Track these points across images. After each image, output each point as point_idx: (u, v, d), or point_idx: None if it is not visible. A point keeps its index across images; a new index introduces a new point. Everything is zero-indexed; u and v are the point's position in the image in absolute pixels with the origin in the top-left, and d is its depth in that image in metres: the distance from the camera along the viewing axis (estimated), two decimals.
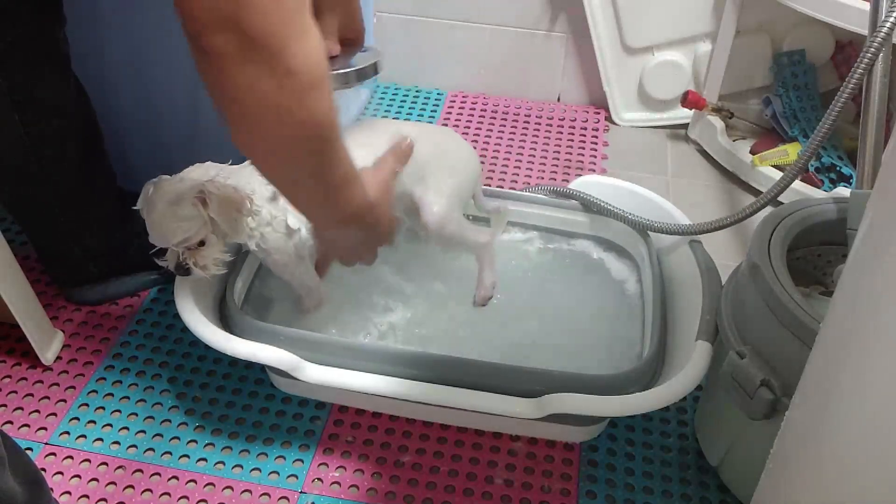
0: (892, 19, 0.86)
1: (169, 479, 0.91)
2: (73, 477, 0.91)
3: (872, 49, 0.86)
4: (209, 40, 0.60)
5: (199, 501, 0.89)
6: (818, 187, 1.32)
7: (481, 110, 1.62)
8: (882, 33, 0.86)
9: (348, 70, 0.90)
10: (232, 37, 0.59)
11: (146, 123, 1.19)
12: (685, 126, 1.57)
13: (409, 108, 1.62)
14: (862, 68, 0.87)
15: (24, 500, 0.66)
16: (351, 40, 0.92)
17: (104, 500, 0.89)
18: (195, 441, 0.96)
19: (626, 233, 1.13)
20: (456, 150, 1.03)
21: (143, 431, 0.97)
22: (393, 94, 1.66)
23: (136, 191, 0.88)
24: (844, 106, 0.89)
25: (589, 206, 1.14)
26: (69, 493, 0.89)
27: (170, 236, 0.85)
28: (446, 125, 1.57)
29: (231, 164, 0.92)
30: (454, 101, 1.64)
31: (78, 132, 1.00)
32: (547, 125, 1.59)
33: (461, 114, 1.61)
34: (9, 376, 1.03)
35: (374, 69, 0.92)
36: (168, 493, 0.90)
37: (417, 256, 1.11)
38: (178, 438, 0.96)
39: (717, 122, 1.46)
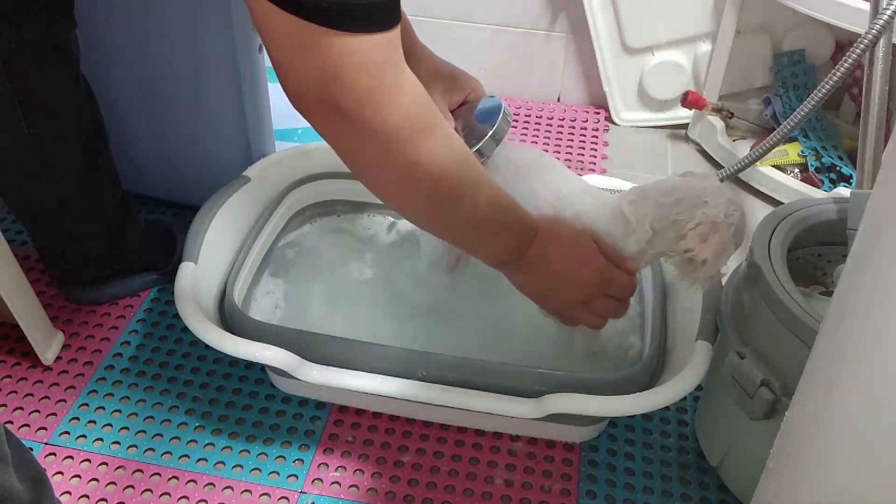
0: (889, 12, 0.86)
1: (169, 479, 0.91)
2: (73, 477, 0.91)
3: (869, 37, 0.87)
4: (312, 119, 0.65)
5: (199, 501, 0.89)
6: (818, 187, 1.32)
7: None
8: (879, 24, 0.86)
9: (483, 142, 0.84)
10: (330, 114, 0.63)
11: (150, 126, 1.19)
12: (685, 126, 1.57)
13: None
14: (854, 56, 0.88)
15: (28, 498, 0.66)
16: (466, 99, 0.90)
17: (104, 500, 0.89)
18: (195, 441, 0.96)
19: None
20: None
21: (143, 431, 0.97)
22: None
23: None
24: (836, 85, 0.90)
25: None
26: (69, 493, 0.89)
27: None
28: None
29: None
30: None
31: (83, 135, 1.00)
32: (547, 125, 1.59)
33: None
34: (9, 376, 1.03)
35: (506, 121, 0.86)
36: (168, 493, 0.90)
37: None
38: (178, 438, 0.96)
39: (717, 122, 1.46)
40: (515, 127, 1.57)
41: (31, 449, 0.93)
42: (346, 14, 0.59)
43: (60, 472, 0.92)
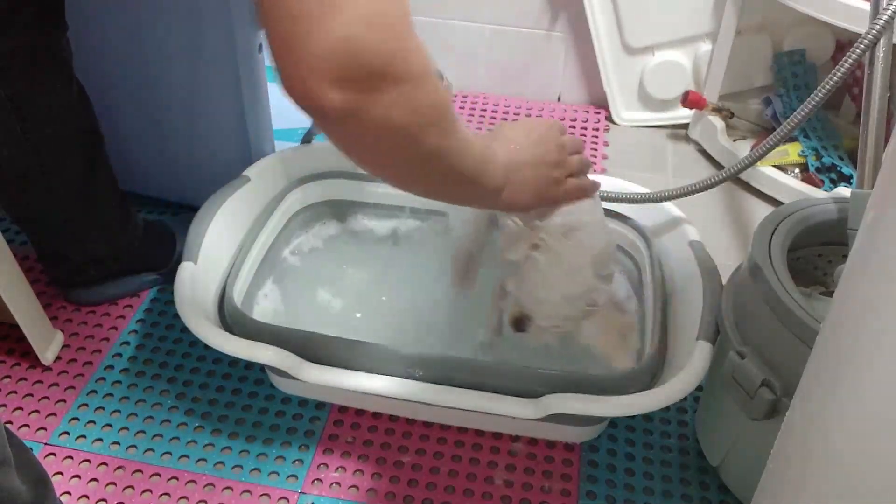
0: (889, 12, 0.86)
1: (169, 480, 0.91)
2: (72, 477, 0.91)
3: (869, 37, 0.87)
4: (332, 96, 0.54)
5: (198, 502, 0.89)
6: (818, 187, 1.32)
7: (481, 110, 1.62)
8: (879, 24, 0.86)
9: None
10: (351, 85, 0.53)
11: (147, 127, 1.19)
12: (685, 126, 1.57)
13: None
14: (855, 56, 0.88)
15: (30, 499, 0.66)
16: None
17: (104, 500, 0.89)
18: (195, 441, 0.96)
19: (626, 233, 1.13)
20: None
21: (143, 432, 0.96)
22: None
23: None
24: (837, 85, 0.90)
25: None
26: (69, 493, 0.89)
27: (545, 318, 0.78)
28: None
29: None
30: (454, 101, 1.64)
31: (79, 138, 1.00)
32: None
33: (461, 114, 1.61)
34: (8, 376, 1.03)
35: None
36: (168, 494, 0.90)
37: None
38: (177, 439, 0.96)
39: (718, 121, 1.46)
40: None
41: (32, 449, 0.93)
42: None
43: (60, 473, 0.92)
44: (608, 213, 1.12)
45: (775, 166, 1.37)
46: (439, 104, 0.61)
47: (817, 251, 0.92)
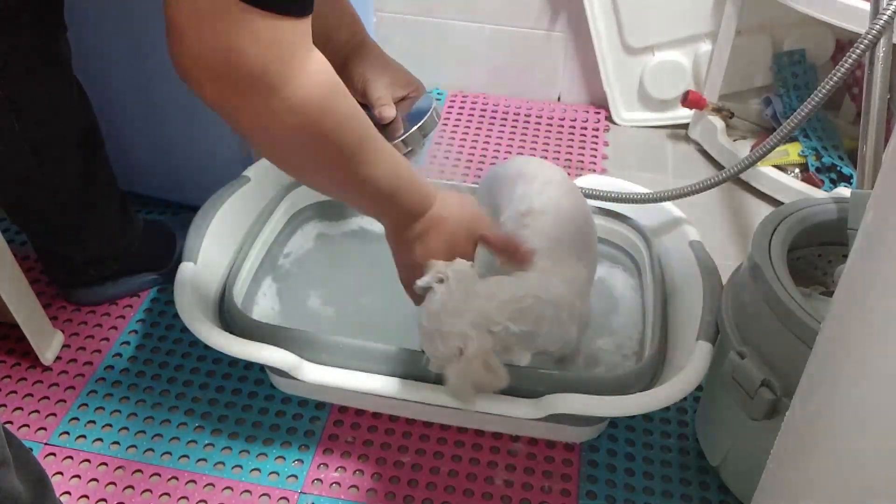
0: (889, 12, 0.86)
1: (168, 480, 0.91)
2: (72, 477, 0.91)
3: (869, 37, 0.87)
4: (203, 89, 0.61)
5: (198, 502, 0.89)
6: (818, 187, 1.32)
7: (481, 110, 1.62)
8: (879, 24, 0.86)
9: (409, 133, 0.87)
10: (225, 85, 0.61)
11: (146, 126, 1.19)
12: (685, 126, 1.57)
13: None
14: (855, 56, 0.88)
15: (30, 499, 0.66)
16: (407, 96, 0.92)
17: (104, 500, 0.89)
18: (195, 441, 0.96)
19: (626, 233, 1.13)
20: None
21: (143, 432, 0.96)
22: None
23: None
24: (837, 85, 0.90)
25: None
26: (69, 493, 0.89)
27: (426, 349, 0.79)
28: (446, 125, 1.57)
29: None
30: (454, 101, 1.64)
31: (78, 137, 1.00)
32: (547, 125, 1.59)
33: (461, 114, 1.61)
34: (8, 376, 1.03)
35: (433, 119, 0.89)
36: (168, 494, 0.90)
37: None
38: (177, 439, 0.96)
39: (718, 121, 1.46)
40: (516, 127, 1.57)
41: (30, 450, 0.93)
42: None
43: (60, 473, 0.92)
44: (609, 213, 1.12)
45: (775, 166, 1.37)
46: (307, 124, 0.65)
47: (817, 251, 0.92)
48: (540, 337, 0.82)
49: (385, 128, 0.89)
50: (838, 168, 1.31)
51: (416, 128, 0.88)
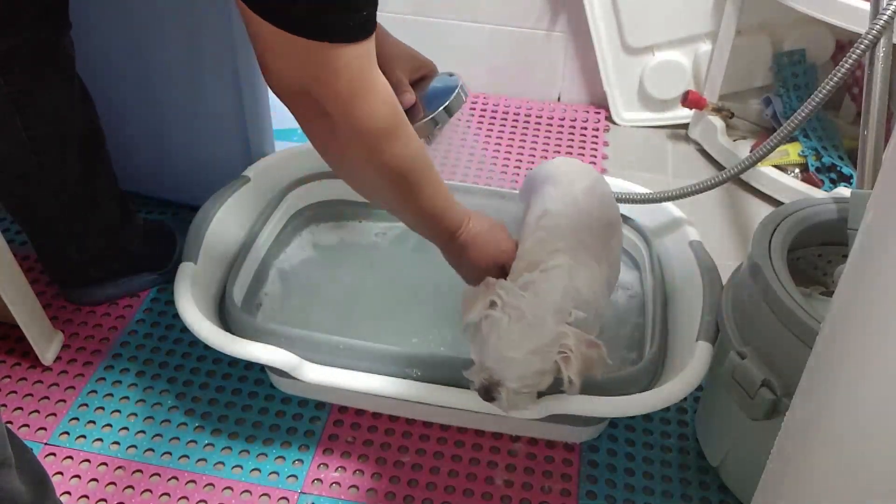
0: (889, 12, 0.86)
1: (168, 480, 0.91)
2: (72, 477, 0.91)
3: (869, 37, 0.87)
4: (290, 103, 0.73)
5: (198, 502, 0.89)
6: (818, 187, 1.32)
7: (481, 110, 1.62)
8: (879, 24, 0.86)
9: (435, 113, 0.89)
10: (307, 105, 0.71)
11: (149, 126, 1.19)
12: (685, 126, 1.57)
13: None
14: (855, 56, 0.88)
15: (30, 499, 0.66)
16: (423, 76, 0.95)
17: (104, 500, 0.89)
18: (195, 441, 0.96)
19: (626, 233, 1.13)
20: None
21: (143, 432, 0.96)
22: None
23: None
24: (837, 85, 0.90)
25: None
26: (69, 493, 0.89)
27: (516, 379, 0.78)
28: (446, 125, 1.56)
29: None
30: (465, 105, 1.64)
31: (80, 136, 1.00)
32: (547, 125, 1.59)
33: (461, 114, 1.60)
34: (9, 376, 1.03)
35: (460, 97, 0.91)
36: (168, 494, 0.90)
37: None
38: (177, 439, 0.96)
39: (718, 121, 1.46)
40: (516, 127, 1.57)
41: (32, 449, 0.93)
42: (331, 28, 0.65)
43: (60, 473, 0.92)
44: None
45: (775, 166, 1.37)
46: (380, 162, 0.76)
47: (817, 251, 0.92)
48: (590, 324, 0.83)
49: (406, 113, 0.89)
50: (838, 168, 1.31)
51: (443, 107, 0.90)
